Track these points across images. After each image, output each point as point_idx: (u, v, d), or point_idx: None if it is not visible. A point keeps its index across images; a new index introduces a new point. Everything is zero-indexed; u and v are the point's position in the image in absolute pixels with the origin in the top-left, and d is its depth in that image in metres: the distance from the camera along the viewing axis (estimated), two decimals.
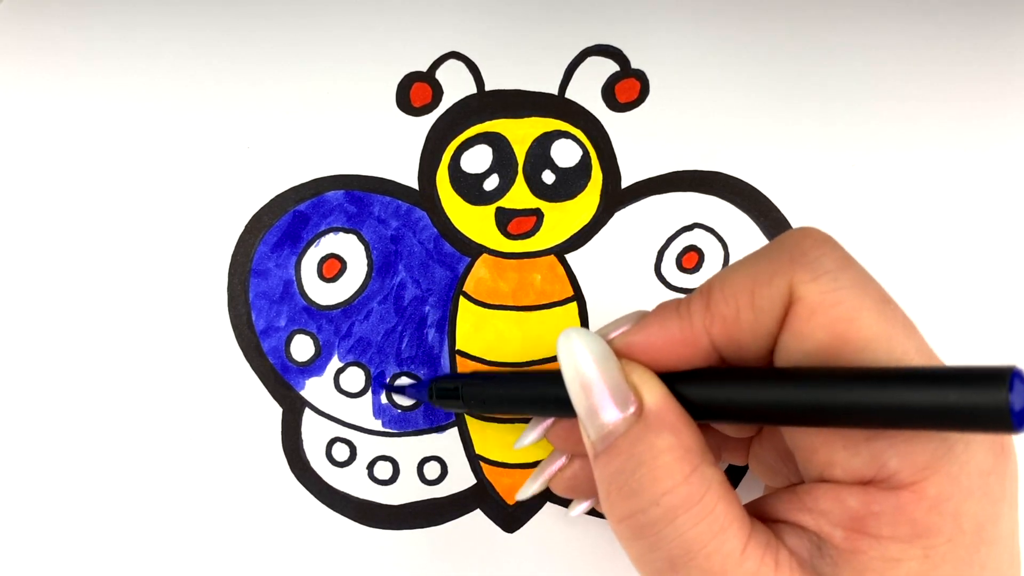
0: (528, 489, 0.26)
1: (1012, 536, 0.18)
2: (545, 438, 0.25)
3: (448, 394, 0.27)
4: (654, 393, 0.19)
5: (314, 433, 0.30)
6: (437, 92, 0.29)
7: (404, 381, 0.29)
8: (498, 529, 0.29)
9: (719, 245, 0.29)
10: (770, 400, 0.18)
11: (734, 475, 0.29)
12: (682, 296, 0.20)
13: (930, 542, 0.17)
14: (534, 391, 0.24)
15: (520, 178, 0.29)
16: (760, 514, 0.19)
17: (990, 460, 0.17)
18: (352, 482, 0.30)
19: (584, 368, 0.20)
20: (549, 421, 0.25)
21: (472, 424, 0.29)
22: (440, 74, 0.29)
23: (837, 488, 0.18)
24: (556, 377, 0.21)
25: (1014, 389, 0.14)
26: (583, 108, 0.29)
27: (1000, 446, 0.17)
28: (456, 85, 0.29)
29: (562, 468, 0.25)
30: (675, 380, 0.20)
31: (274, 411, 0.29)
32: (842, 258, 0.18)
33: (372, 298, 0.29)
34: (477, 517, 0.29)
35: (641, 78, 0.29)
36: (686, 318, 0.20)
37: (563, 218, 0.29)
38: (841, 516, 0.18)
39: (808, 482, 0.19)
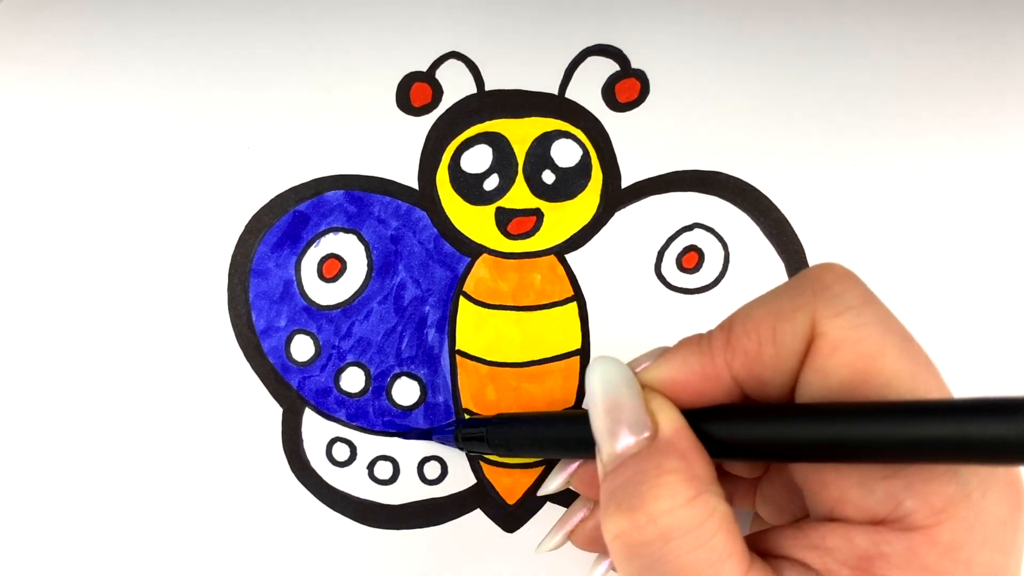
0: (549, 542, 0.25)
1: None
2: (570, 485, 0.25)
3: (474, 437, 0.27)
4: (669, 420, 0.19)
5: (314, 433, 0.30)
6: (437, 92, 0.29)
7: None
8: (498, 529, 0.29)
9: (719, 245, 0.29)
10: (791, 436, 0.17)
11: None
12: (702, 332, 0.20)
13: None
14: (558, 432, 0.24)
15: (520, 178, 0.29)
16: (761, 549, 0.19)
17: (1006, 510, 0.17)
18: (352, 482, 0.30)
19: (608, 394, 0.20)
20: (575, 465, 0.24)
21: None
22: (440, 74, 0.29)
23: (846, 527, 0.18)
24: (581, 419, 0.22)
25: None
26: (583, 108, 0.29)
27: (1017, 497, 0.17)
28: (456, 85, 0.29)
29: (584, 519, 0.25)
30: (696, 417, 0.20)
31: (274, 411, 0.30)
32: (865, 294, 0.18)
33: (372, 298, 0.29)
34: (477, 517, 0.29)
35: (641, 78, 0.29)
36: (707, 353, 0.19)
37: (563, 218, 0.29)
38: (849, 555, 0.17)
39: (815, 519, 0.19)
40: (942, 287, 0.29)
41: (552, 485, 0.25)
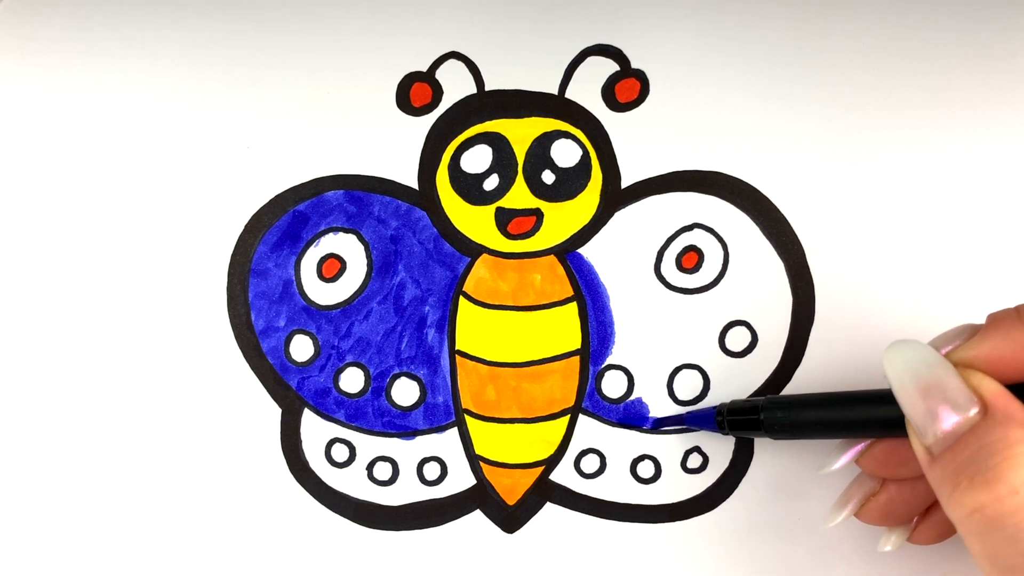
0: (837, 516, 0.26)
1: None
2: (856, 464, 0.26)
3: (743, 424, 0.26)
4: (997, 393, 0.20)
5: (313, 433, 0.29)
6: (437, 92, 0.29)
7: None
8: (498, 530, 0.29)
9: (719, 245, 0.29)
10: None
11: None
12: (1010, 307, 0.21)
13: None
14: (852, 415, 0.24)
15: (520, 178, 0.29)
16: None
17: None
18: (351, 483, 0.30)
19: (921, 376, 0.20)
20: (862, 445, 0.25)
21: (472, 424, 0.29)
22: (440, 74, 0.29)
23: None
24: (874, 397, 0.22)
25: None
26: (583, 108, 0.29)
27: None
28: (456, 85, 0.29)
29: (875, 495, 0.26)
30: (1018, 390, 0.20)
31: (273, 411, 0.29)
32: None
33: (372, 298, 0.29)
34: (477, 518, 0.29)
35: (641, 78, 0.29)
36: None
37: (563, 218, 0.29)
38: None
39: None
40: (943, 287, 0.29)
41: (836, 465, 0.26)
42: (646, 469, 0.29)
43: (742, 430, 0.27)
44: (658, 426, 0.29)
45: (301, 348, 0.29)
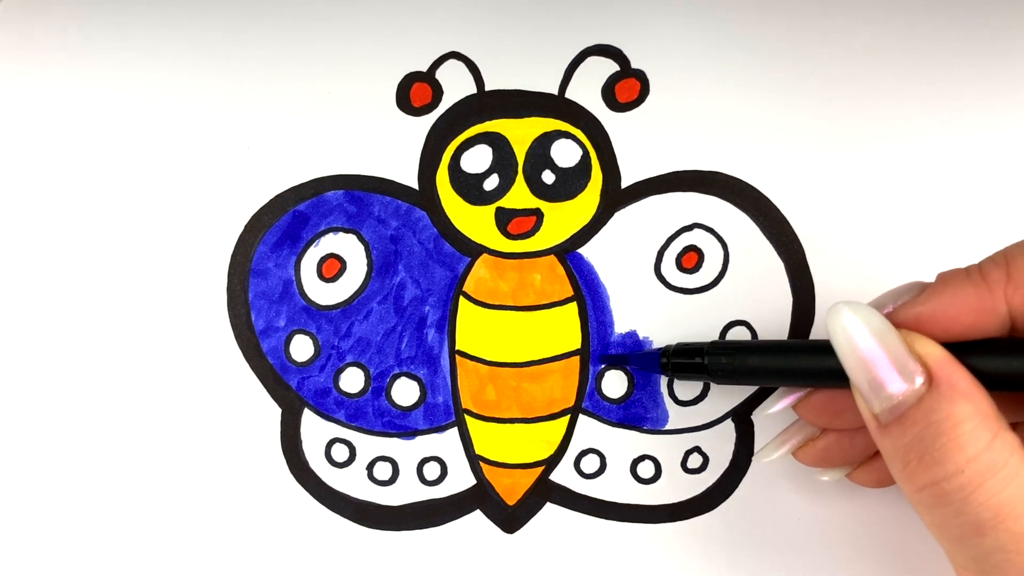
0: (771, 453, 0.26)
1: None
2: (794, 410, 0.25)
3: (687, 367, 0.26)
4: (944, 363, 0.19)
5: (313, 433, 0.30)
6: (437, 92, 0.29)
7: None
8: (498, 530, 0.29)
9: (719, 245, 0.29)
10: None
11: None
12: (961, 267, 0.20)
13: None
14: (793, 362, 0.24)
15: (520, 178, 0.29)
16: None
17: None
18: (351, 483, 0.30)
19: (861, 343, 0.20)
20: (800, 393, 0.25)
21: (472, 424, 0.29)
22: (440, 74, 0.29)
23: None
24: (820, 348, 0.22)
25: None
26: (583, 108, 0.29)
27: None
28: (456, 85, 0.29)
29: (814, 439, 0.26)
30: (962, 350, 0.20)
31: (273, 411, 0.29)
32: None
33: (372, 298, 0.29)
34: (477, 518, 0.29)
35: (641, 78, 0.29)
36: (983, 287, 0.20)
37: (563, 218, 0.29)
38: None
39: None
40: None
41: (772, 409, 0.26)
42: (646, 469, 0.29)
43: (685, 372, 0.26)
44: (603, 363, 0.29)
45: (301, 348, 0.29)
